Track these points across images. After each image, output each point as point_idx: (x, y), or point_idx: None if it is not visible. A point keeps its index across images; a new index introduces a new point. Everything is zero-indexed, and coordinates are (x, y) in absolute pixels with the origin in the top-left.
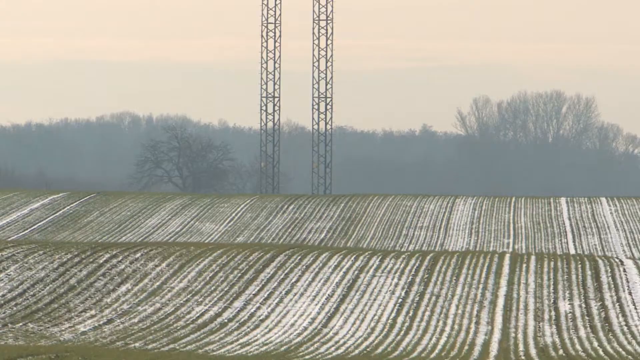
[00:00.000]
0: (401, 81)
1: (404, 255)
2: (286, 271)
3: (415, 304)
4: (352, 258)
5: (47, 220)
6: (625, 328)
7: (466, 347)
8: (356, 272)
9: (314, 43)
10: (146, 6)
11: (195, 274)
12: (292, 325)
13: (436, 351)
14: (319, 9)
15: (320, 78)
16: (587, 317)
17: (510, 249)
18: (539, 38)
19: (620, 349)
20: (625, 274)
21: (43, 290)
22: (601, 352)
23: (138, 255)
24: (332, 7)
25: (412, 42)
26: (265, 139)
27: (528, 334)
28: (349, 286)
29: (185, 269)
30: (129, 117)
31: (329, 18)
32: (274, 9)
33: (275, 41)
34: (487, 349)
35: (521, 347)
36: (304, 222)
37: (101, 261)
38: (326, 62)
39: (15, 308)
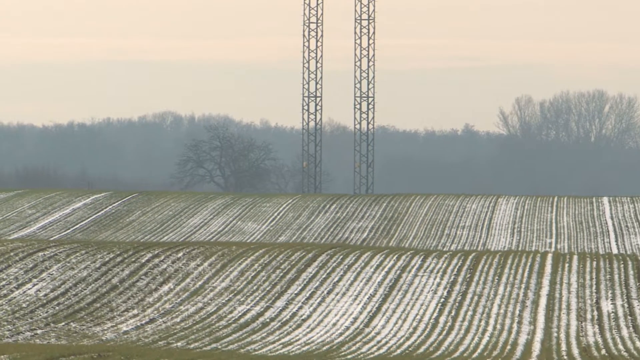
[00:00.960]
0: (443, 80)
1: (446, 255)
2: (328, 271)
3: (457, 304)
4: (394, 258)
5: (89, 219)
6: None
7: (508, 347)
8: (398, 271)
9: (355, 42)
10: (189, 6)
11: (237, 273)
12: (334, 324)
13: (478, 351)
14: (361, 8)
15: (362, 77)
16: (629, 317)
17: (553, 249)
18: (582, 37)
19: None
20: None
21: (85, 289)
22: None
23: (180, 254)
24: (374, 6)
25: (455, 42)
26: (307, 138)
27: (570, 334)
28: (391, 286)
29: (227, 269)
30: (171, 117)
31: (370, 17)
32: (315, 9)
33: (317, 41)
34: (529, 349)
35: (563, 347)
36: (346, 221)
37: (143, 260)
38: (368, 62)
39: (57, 307)
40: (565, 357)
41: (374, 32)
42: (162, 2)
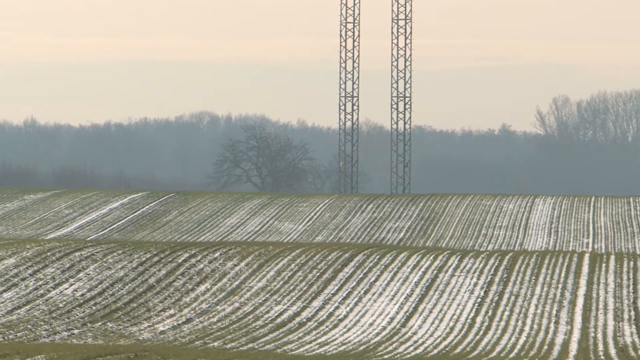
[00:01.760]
0: (480, 80)
1: (483, 255)
2: (365, 270)
3: (494, 304)
4: (431, 257)
5: (126, 219)
6: None
7: (545, 347)
8: (435, 271)
9: (392, 42)
10: (226, 5)
11: (274, 273)
12: (371, 324)
13: (515, 351)
14: (398, 8)
15: (399, 77)
16: None
17: (590, 249)
18: (619, 37)
19: None
20: None
21: (122, 289)
22: None
23: (217, 254)
24: (410, 6)
25: (492, 42)
26: (344, 138)
27: (607, 334)
28: (428, 285)
29: (264, 269)
30: (207, 117)
31: (407, 17)
32: (352, 9)
33: (354, 40)
34: (566, 349)
35: (600, 347)
36: (382, 221)
37: (180, 260)
38: (405, 62)
39: (94, 307)
40: (602, 357)
41: (410, 32)
42: (200, 2)
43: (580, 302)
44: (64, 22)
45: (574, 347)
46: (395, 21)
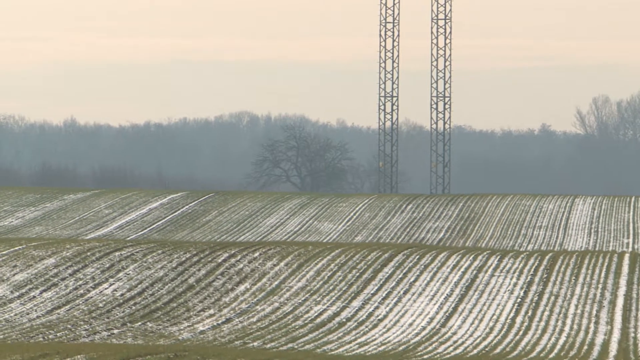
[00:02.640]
0: (520, 80)
1: (522, 255)
2: (404, 270)
3: (534, 304)
4: (471, 257)
5: (165, 219)
6: None
7: (585, 347)
8: (475, 271)
9: (432, 42)
10: (265, 6)
11: (313, 273)
12: (411, 324)
13: (555, 351)
14: (437, 8)
15: (438, 77)
16: None
17: (630, 249)
18: None
19: None
20: None
21: (162, 289)
22: None
23: (256, 254)
24: (450, 6)
25: (532, 41)
26: (384, 138)
27: None
28: (468, 286)
29: (303, 269)
30: (247, 117)
31: (447, 17)
32: (392, 9)
33: (393, 40)
34: (606, 349)
35: None
36: (422, 221)
37: (220, 260)
38: (444, 61)
39: (134, 307)
40: None
41: (450, 32)
42: (239, 3)
43: (620, 302)
44: (105, 23)
45: (613, 348)
46: (435, 21)
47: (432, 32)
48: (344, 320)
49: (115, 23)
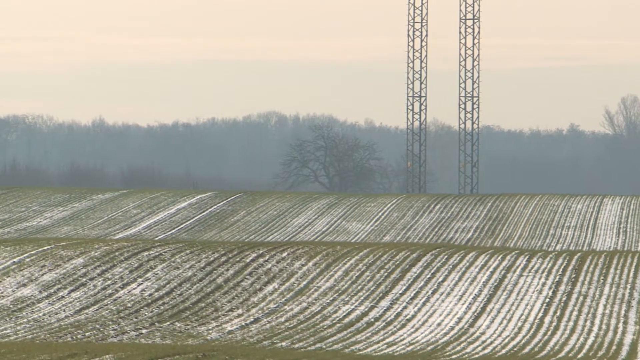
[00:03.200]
0: (548, 80)
1: (551, 255)
2: (433, 270)
3: (562, 304)
4: (499, 258)
5: (194, 219)
6: None
7: (614, 347)
8: (503, 271)
9: (460, 42)
10: (293, 6)
11: (341, 273)
12: (439, 324)
13: (584, 351)
14: (466, 8)
15: (466, 77)
16: None
17: None
18: None
19: None
20: None
21: (190, 289)
22: None
23: (285, 254)
24: (478, 5)
25: (560, 41)
26: (412, 138)
27: None
28: (496, 286)
29: (331, 268)
30: (275, 117)
31: (475, 17)
32: (420, 8)
33: (421, 40)
34: (634, 349)
35: None
36: (450, 221)
37: (248, 260)
38: (473, 61)
39: (162, 307)
40: None
41: (478, 32)
42: (267, 3)
43: None
44: (133, 23)
45: None
46: (463, 21)
47: (460, 32)
48: (372, 320)
49: (144, 23)
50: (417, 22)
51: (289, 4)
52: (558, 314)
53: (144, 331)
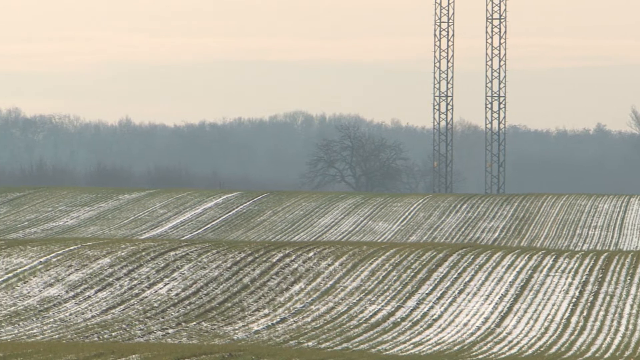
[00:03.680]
0: (575, 80)
1: (577, 255)
2: (459, 270)
3: (589, 304)
4: (526, 257)
5: (220, 219)
6: None
7: None
8: (530, 271)
9: (487, 42)
10: (319, 6)
11: (368, 273)
12: (465, 324)
13: (610, 351)
14: (492, 7)
15: (493, 77)
16: None
17: None
18: None
19: None
20: None
21: (216, 289)
22: None
23: (311, 254)
24: (505, 5)
25: (586, 41)
26: (439, 138)
27: None
28: (523, 285)
29: (358, 268)
30: (302, 117)
31: (502, 17)
32: (447, 8)
33: (448, 40)
34: None
35: None
36: (477, 221)
37: (274, 260)
38: (499, 61)
39: (189, 307)
40: None
41: (505, 32)
42: (292, 2)
43: None
44: (160, 23)
45: None
46: (490, 20)
47: (486, 32)
48: (399, 320)
49: (171, 23)
50: (443, 22)
51: (317, 4)
52: (585, 314)
53: (170, 331)
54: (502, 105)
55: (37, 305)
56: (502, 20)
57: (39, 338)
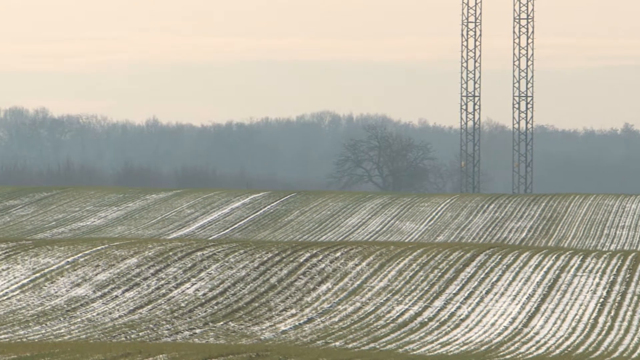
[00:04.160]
0: (603, 79)
1: (605, 255)
2: (486, 270)
3: (616, 304)
4: (553, 257)
5: (247, 219)
6: None
7: None
8: (557, 271)
9: (514, 42)
10: (348, 6)
11: (395, 273)
12: (493, 324)
13: (638, 351)
14: (520, 7)
15: (520, 77)
16: None
17: None
18: None
19: None
20: None
21: (244, 289)
22: None
23: (338, 254)
24: (532, 5)
25: (614, 40)
26: (466, 138)
27: None
28: (550, 286)
29: (385, 268)
30: (329, 117)
31: (529, 17)
32: (474, 8)
33: (475, 40)
34: None
35: None
36: (504, 221)
37: (301, 260)
38: (527, 61)
39: (216, 307)
40: None
41: (532, 32)
42: (321, 3)
43: None
44: (187, 23)
45: None
46: (517, 20)
47: (514, 32)
48: (426, 320)
49: (197, 23)
50: (470, 22)
51: (344, 4)
52: (612, 314)
53: (197, 331)
54: (529, 105)
55: (65, 305)
56: (529, 20)
57: (66, 338)
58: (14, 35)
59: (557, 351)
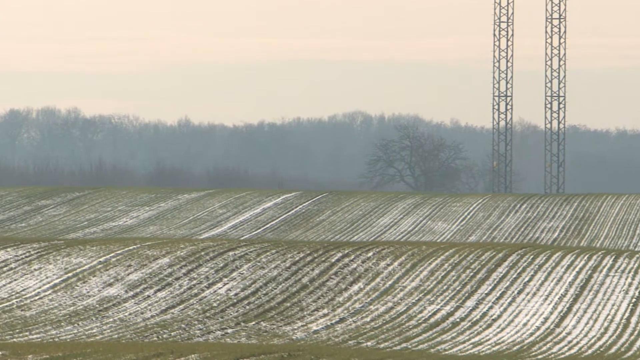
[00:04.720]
0: (635, 79)
1: (638, 255)
2: (518, 270)
3: None
4: (585, 258)
5: (279, 219)
6: None
7: None
8: (589, 271)
9: (546, 42)
10: (380, 6)
11: (427, 273)
12: (525, 324)
13: None
14: (552, 7)
15: (552, 77)
16: None
17: None
18: None
19: None
20: None
21: (275, 289)
22: None
23: (370, 254)
24: (564, 5)
25: None
26: (498, 138)
27: None
28: (582, 286)
29: (417, 268)
30: (361, 117)
31: (561, 16)
32: (506, 8)
33: (507, 40)
34: None
35: None
36: (536, 221)
37: (333, 260)
38: (559, 61)
39: (248, 307)
40: None
41: (564, 31)
42: (354, 3)
43: None
44: (220, 23)
45: None
46: (549, 20)
47: (546, 32)
48: (458, 320)
49: (229, 23)
50: (503, 22)
51: (375, 4)
52: None
53: (229, 331)
54: (561, 105)
55: (97, 305)
56: (561, 20)
57: (98, 338)
58: (46, 36)
59: (589, 351)
